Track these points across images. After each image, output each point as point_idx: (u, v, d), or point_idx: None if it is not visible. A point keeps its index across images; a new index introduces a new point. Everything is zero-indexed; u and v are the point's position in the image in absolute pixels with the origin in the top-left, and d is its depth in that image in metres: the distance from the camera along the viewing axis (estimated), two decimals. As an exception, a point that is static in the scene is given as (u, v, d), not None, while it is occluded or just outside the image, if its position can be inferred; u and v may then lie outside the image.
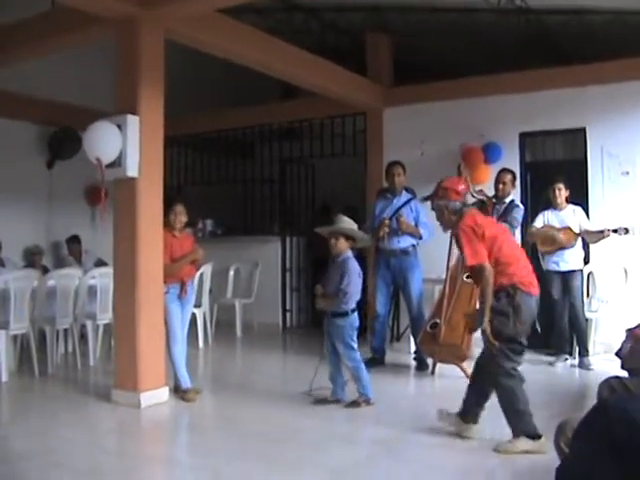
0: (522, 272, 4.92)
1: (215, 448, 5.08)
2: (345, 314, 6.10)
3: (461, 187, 5.22)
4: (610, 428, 2.34)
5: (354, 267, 6.12)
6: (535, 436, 4.76)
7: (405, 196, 7.94)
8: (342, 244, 6.15)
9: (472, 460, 4.77)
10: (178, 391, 6.50)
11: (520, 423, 4.80)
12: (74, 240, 10.28)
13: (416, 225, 7.79)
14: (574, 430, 2.64)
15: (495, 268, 4.83)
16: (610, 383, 3.73)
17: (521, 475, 4.52)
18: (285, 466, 4.72)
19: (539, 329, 4.83)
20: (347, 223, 6.20)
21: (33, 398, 6.82)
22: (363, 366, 6.17)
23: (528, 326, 4.92)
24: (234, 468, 4.62)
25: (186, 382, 6.51)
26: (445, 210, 5.12)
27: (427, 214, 7.75)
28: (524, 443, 4.75)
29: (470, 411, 5.15)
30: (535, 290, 4.95)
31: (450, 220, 5.12)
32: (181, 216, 6.68)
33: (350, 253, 6.21)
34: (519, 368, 4.91)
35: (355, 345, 6.15)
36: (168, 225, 6.61)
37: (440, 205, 5.16)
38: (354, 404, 6.08)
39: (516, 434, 4.82)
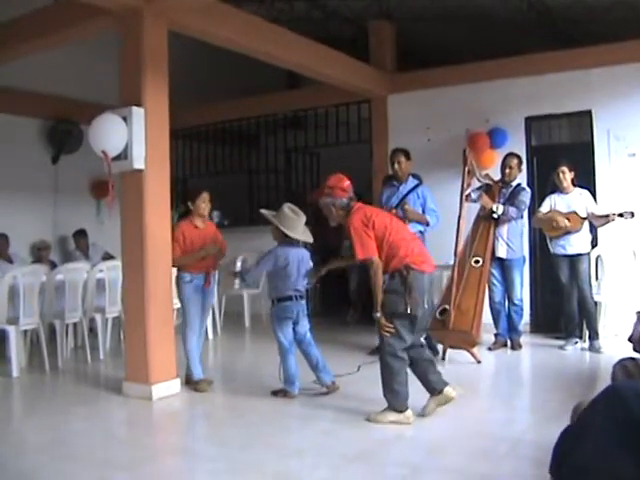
0: (413, 253, 5.24)
1: (228, 438, 5.08)
2: (272, 302, 6.18)
3: (346, 184, 5.52)
4: (628, 414, 2.37)
5: (268, 258, 6.10)
6: (404, 409, 5.19)
7: (411, 182, 7.89)
8: (273, 233, 6.18)
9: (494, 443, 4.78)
10: (190, 382, 6.51)
11: (393, 399, 5.20)
12: (81, 234, 10.29)
13: (423, 212, 7.76)
14: (579, 417, 2.65)
15: (388, 252, 5.19)
16: (624, 364, 3.73)
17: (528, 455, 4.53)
18: (299, 453, 4.73)
19: (426, 305, 5.16)
20: (280, 215, 6.08)
21: (45, 392, 6.84)
22: (287, 359, 6.11)
23: (421, 301, 5.18)
24: (248, 457, 4.62)
25: (199, 373, 6.51)
26: (332, 207, 5.44)
27: (434, 200, 7.75)
28: (392, 415, 5.20)
29: (430, 387, 5.44)
30: (427, 268, 5.26)
31: (339, 215, 5.45)
32: (209, 204, 6.68)
33: (279, 244, 6.16)
34: (407, 349, 5.23)
35: (280, 336, 6.12)
36: (191, 214, 6.61)
37: (327, 202, 5.46)
38: (276, 392, 6.15)
39: (388, 407, 5.24)
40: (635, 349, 4.23)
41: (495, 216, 7.84)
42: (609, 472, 2.40)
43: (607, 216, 7.60)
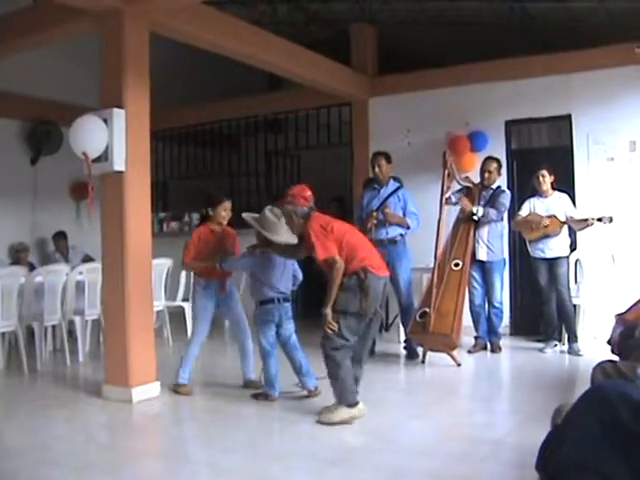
0: (369, 258, 5.37)
1: (209, 441, 5.07)
2: (255, 304, 6.19)
3: (308, 194, 5.76)
4: (614, 413, 2.43)
5: (253, 258, 6.19)
6: (355, 403, 5.28)
7: (392, 186, 7.92)
8: (256, 237, 6.15)
9: (467, 447, 4.80)
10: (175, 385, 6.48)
11: (343, 394, 5.28)
12: (60, 236, 10.24)
13: (404, 215, 7.78)
14: (565, 416, 2.69)
15: (347, 254, 5.29)
16: (603, 367, 3.75)
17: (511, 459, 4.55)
18: (279, 457, 4.71)
19: (381, 312, 5.27)
20: (261, 219, 5.77)
21: (23, 395, 6.76)
22: (268, 362, 6.08)
23: (373, 305, 5.33)
24: (229, 460, 4.60)
25: (185, 378, 6.46)
26: (294, 214, 5.53)
27: (415, 203, 7.79)
28: (344, 412, 5.25)
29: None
30: (382, 273, 5.43)
31: (299, 224, 5.51)
32: (230, 212, 6.62)
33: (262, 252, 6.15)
34: (345, 346, 5.29)
35: (262, 339, 6.10)
36: (210, 220, 6.55)
37: (289, 210, 5.57)
38: (256, 395, 6.14)
39: (338, 403, 5.30)
40: (613, 352, 4.27)
41: (475, 218, 7.88)
42: (594, 469, 2.45)
43: (586, 220, 7.64)
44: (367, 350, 5.62)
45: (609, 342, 4.38)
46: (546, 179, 7.94)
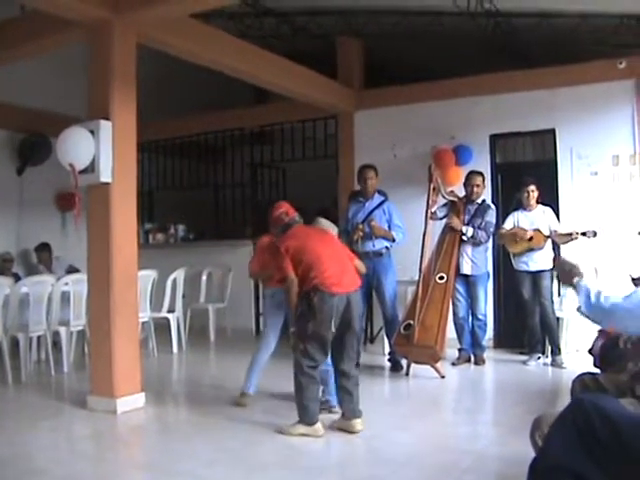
0: (324, 274, 5.32)
1: (193, 453, 5.06)
2: None
3: (275, 214, 5.89)
4: (589, 424, 2.55)
5: None
6: (313, 423, 5.33)
7: (377, 199, 7.97)
8: None
9: (448, 458, 4.83)
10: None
11: (303, 414, 5.35)
12: (43, 248, 10.12)
13: (389, 227, 7.83)
14: (550, 425, 2.77)
15: (302, 275, 5.36)
16: (583, 379, 3.79)
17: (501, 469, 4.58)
18: (263, 468, 4.73)
19: (333, 329, 5.24)
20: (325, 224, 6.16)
21: (8, 406, 6.74)
22: (332, 371, 5.95)
23: (328, 323, 5.26)
24: (213, 472, 4.62)
25: (249, 387, 6.40)
26: (276, 237, 5.85)
27: (400, 216, 7.84)
28: (302, 428, 5.33)
29: (342, 409, 5.56)
30: (338, 289, 5.31)
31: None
32: None
33: None
34: (317, 368, 5.39)
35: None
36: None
37: (275, 232, 5.91)
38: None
39: (298, 421, 5.37)
40: (595, 363, 4.33)
41: (465, 238, 7.94)
42: (572, 472, 2.58)
43: (570, 234, 7.69)
44: (351, 363, 5.52)
45: (590, 352, 4.44)
46: (534, 194, 8.00)
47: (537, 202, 8.07)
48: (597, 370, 4.21)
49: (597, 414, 2.62)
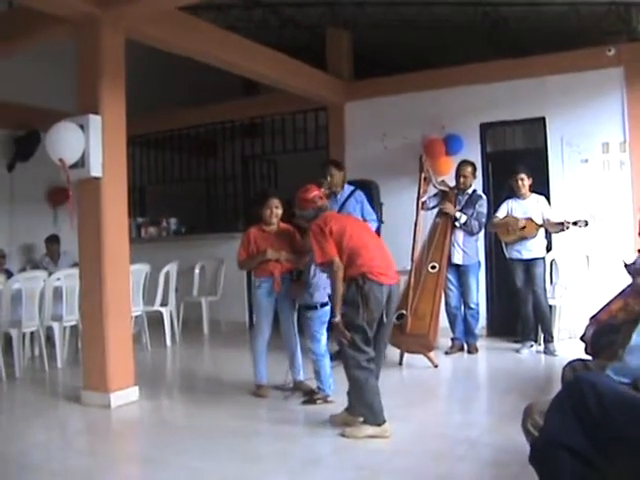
0: (372, 262, 5.09)
1: (188, 446, 5.07)
2: (314, 307, 6.08)
3: (310, 195, 5.53)
4: (583, 401, 2.65)
5: None
6: (381, 423, 5.00)
7: (347, 189, 7.85)
8: None
9: (443, 445, 4.85)
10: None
11: (368, 412, 5.04)
12: (53, 240, 10.10)
13: (363, 217, 7.68)
14: (550, 402, 2.81)
15: (347, 259, 5.07)
16: (573, 366, 3.82)
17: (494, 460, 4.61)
18: (259, 459, 4.76)
19: (385, 319, 5.07)
20: None
21: (2, 402, 6.76)
22: (326, 361, 6.07)
23: (376, 315, 5.06)
24: (208, 464, 4.63)
25: (261, 378, 6.43)
26: (302, 219, 5.60)
27: (369, 205, 7.75)
28: (369, 429, 5.00)
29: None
30: (385, 279, 5.10)
31: (309, 227, 5.40)
32: (277, 210, 6.44)
33: None
34: (372, 360, 5.07)
35: (321, 338, 6.12)
36: (261, 220, 6.45)
37: (298, 215, 5.62)
38: (310, 401, 6.03)
39: (363, 421, 5.08)
40: (586, 350, 4.35)
41: (457, 224, 7.93)
42: (569, 448, 2.63)
43: (562, 224, 7.70)
44: (381, 356, 5.37)
45: (582, 338, 4.46)
46: (525, 182, 8.01)
47: (531, 191, 8.08)
48: (589, 357, 4.22)
49: (591, 391, 2.67)
